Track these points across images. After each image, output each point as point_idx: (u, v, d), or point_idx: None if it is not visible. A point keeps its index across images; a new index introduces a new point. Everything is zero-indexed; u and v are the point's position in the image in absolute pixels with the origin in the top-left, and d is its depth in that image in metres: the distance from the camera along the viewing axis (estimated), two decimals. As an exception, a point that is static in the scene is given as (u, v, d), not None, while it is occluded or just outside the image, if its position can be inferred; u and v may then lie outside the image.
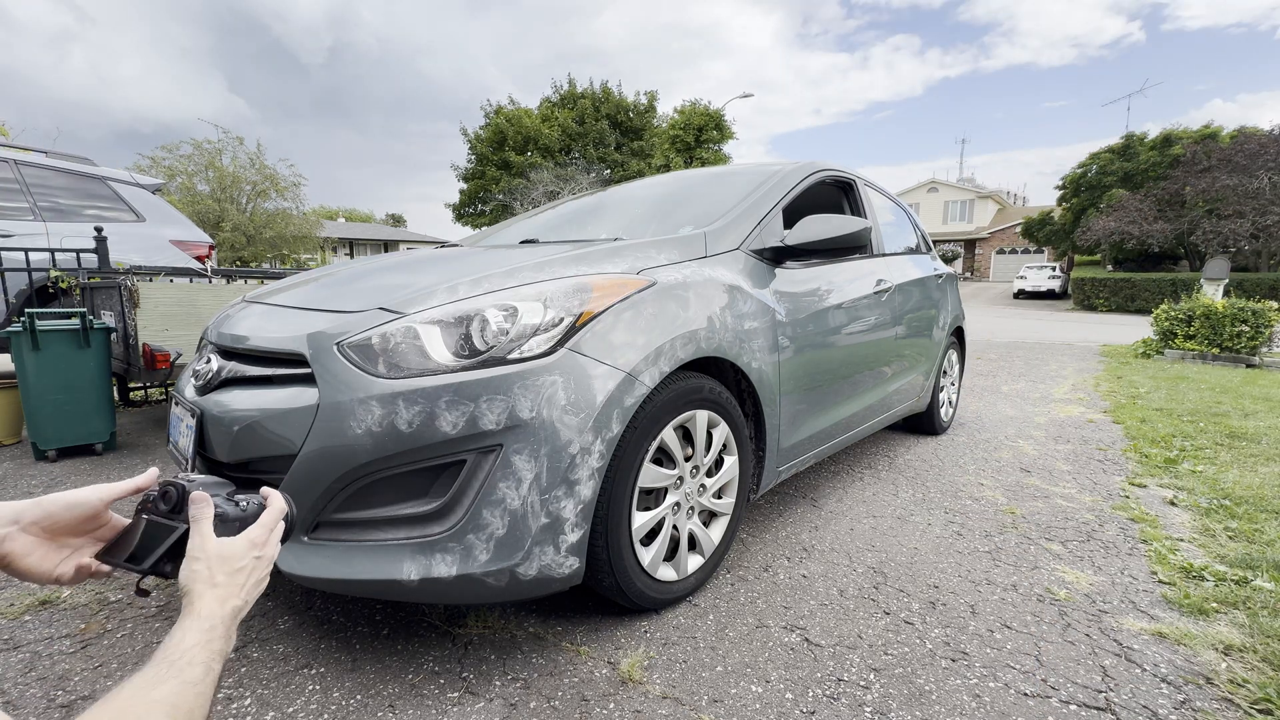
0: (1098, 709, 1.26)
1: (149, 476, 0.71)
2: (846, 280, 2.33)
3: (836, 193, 2.71)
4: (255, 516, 0.70)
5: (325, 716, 1.21)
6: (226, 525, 0.67)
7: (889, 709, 1.25)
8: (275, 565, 1.23)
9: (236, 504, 0.69)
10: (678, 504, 1.59)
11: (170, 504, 0.66)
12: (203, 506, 0.66)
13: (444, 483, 1.24)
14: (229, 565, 0.64)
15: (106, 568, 0.67)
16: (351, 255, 32.28)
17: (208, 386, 1.47)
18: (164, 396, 4.35)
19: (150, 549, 0.65)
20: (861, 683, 1.33)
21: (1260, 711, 1.25)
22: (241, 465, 1.37)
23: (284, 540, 0.74)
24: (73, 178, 4.32)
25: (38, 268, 3.60)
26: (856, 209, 2.70)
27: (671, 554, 1.61)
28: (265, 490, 0.74)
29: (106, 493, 0.68)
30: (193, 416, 1.45)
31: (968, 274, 37.26)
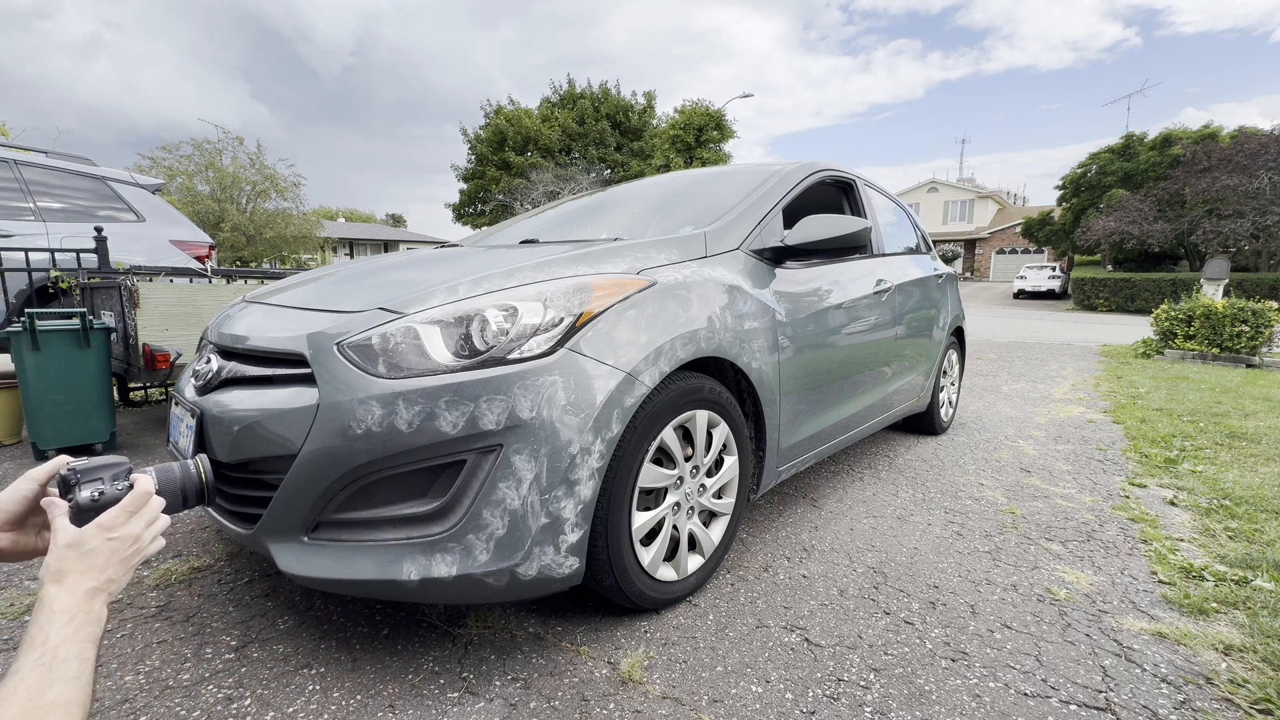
0: (1098, 709, 1.26)
1: (59, 461, 0.81)
2: (847, 280, 2.33)
3: (836, 193, 2.71)
4: (114, 502, 0.77)
5: (325, 716, 1.21)
6: (83, 515, 0.75)
7: (889, 709, 1.25)
8: (277, 565, 1.23)
9: (100, 493, 0.76)
10: (678, 504, 1.59)
11: (66, 489, 0.77)
12: (51, 509, 0.75)
13: (444, 483, 1.24)
14: (77, 551, 0.71)
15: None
16: (351, 255, 32.27)
17: (208, 386, 1.47)
18: (164, 396, 4.35)
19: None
20: (861, 683, 1.33)
21: (1260, 711, 1.25)
22: (242, 465, 1.37)
23: (176, 510, 0.85)
24: (73, 178, 4.32)
25: (38, 268, 3.60)
26: (856, 209, 2.70)
27: (671, 554, 1.61)
28: (135, 475, 0.81)
29: (35, 475, 0.81)
30: (193, 416, 1.45)
31: (968, 274, 37.26)
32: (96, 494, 0.76)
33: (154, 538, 0.79)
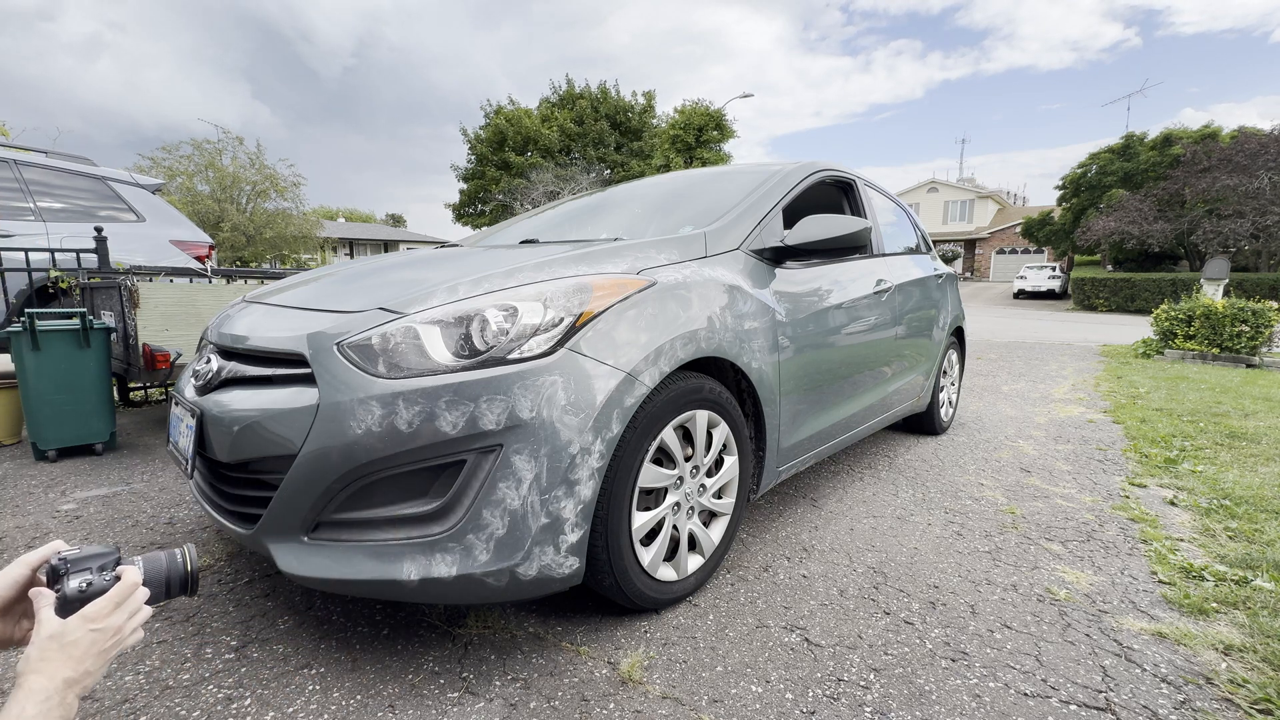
0: (1098, 709, 1.26)
1: (51, 548, 0.81)
2: (847, 280, 2.33)
3: (836, 193, 2.71)
4: (101, 593, 0.77)
5: (325, 716, 1.21)
6: (68, 606, 0.75)
7: (889, 709, 1.25)
8: (277, 565, 1.24)
9: (89, 584, 0.77)
10: (678, 504, 1.59)
11: (54, 578, 0.78)
12: (38, 599, 0.75)
13: (444, 483, 1.24)
14: (58, 642, 0.72)
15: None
16: (351, 255, 32.27)
17: (208, 386, 1.47)
18: (164, 396, 4.35)
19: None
20: (861, 683, 1.33)
21: (1260, 711, 1.25)
22: (242, 465, 1.37)
23: (159, 601, 0.85)
24: (73, 178, 4.32)
25: (38, 268, 3.60)
26: (856, 209, 2.70)
27: (671, 554, 1.61)
28: (122, 567, 0.81)
29: (28, 560, 0.80)
30: (193, 416, 1.45)
31: (968, 274, 37.26)
32: (84, 585, 0.77)
33: (134, 630, 0.80)
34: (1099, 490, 2.61)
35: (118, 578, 0.80)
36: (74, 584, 0.76)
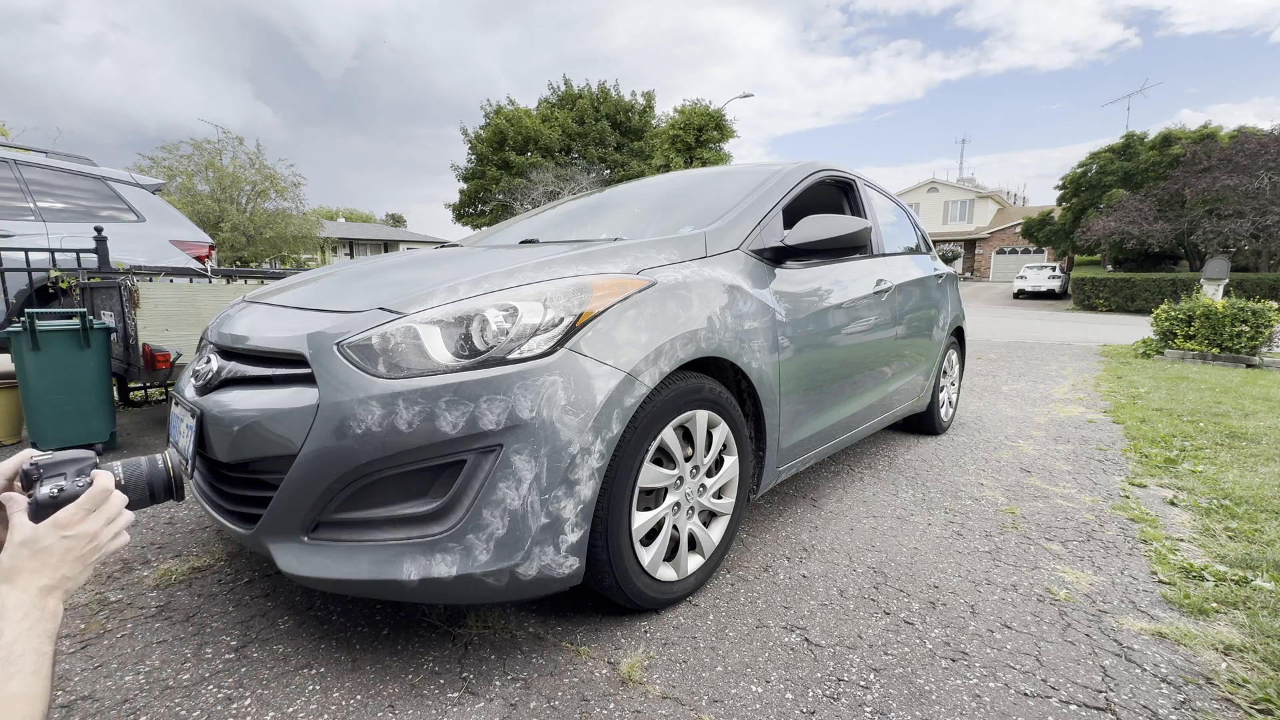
0: (1098, 709, 1.26)
1: (25, 454, 0.79)
2: (847, 280, 2.33)
3: (836, 193, 2.71)
4: (73, 499, 0.75)
5: (325, 716, 1.21)
6: (40, 512, 0.73)
7: (889, 709, 1.25)
8: (277, 565, 1.24)
9: (60, 489, 0.75)
10: (678, 504, 1.59)
11: (29, 484, 0.76)
12: (10, 505, 0.73)
13: (444, 483, 1.24)
14: (30, 549, 0.70)
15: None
16: (351, 255, 32.27)
17: (208, 386, 1.47)
18: (164, 396, 4.35)
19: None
20: (861, 683, 1.33)
21: (1260, 711, 1.25)
22: (242, 465, 1.37)
23: (143, 506, 0.83)
24: (73, 178, 4.32)
25: (38, 268, 3.59)
26: (856, 209, 2.70)
27: (671, 554, 1.61)
28: (97, 472, 0.78)
29: (2, 469, 0.78)
30: (193, 416, 1.45)
31: (968, 274, 37.26)
32: (56, 490, 0.75)
33: (115, 535, 0.77)
34: (1099, 490, 2.61)
35: (91, 483, 0.77)
36: (46, 489, 0.75)
